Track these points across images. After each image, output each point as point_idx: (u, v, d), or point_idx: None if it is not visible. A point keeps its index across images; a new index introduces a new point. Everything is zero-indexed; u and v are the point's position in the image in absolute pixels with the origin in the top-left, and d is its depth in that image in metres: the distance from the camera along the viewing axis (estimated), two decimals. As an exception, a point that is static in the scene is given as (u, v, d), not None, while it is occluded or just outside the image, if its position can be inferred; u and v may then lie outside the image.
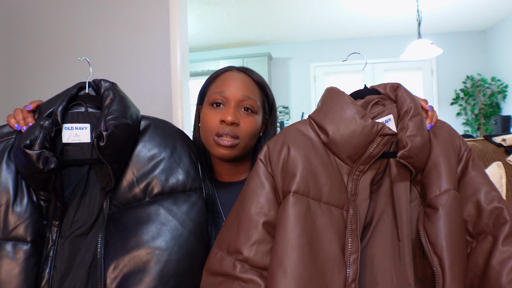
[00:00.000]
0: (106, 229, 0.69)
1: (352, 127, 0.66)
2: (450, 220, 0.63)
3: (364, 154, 0.67)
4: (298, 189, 0.64)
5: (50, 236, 0.70)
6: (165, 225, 0.69)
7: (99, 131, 0.67)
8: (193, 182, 0.77)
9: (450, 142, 0.71)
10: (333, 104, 0.70)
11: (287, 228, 0.61)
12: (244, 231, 0.65)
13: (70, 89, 0.81)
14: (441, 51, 3.12)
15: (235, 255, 0.65)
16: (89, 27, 1.76)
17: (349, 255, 0.63)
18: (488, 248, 0.63)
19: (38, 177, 0.66)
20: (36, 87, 1.80)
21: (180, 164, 0.77)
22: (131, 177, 0.74)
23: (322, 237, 0.62)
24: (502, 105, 4.07)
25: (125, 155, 0.74)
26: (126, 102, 0.77)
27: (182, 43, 1.68)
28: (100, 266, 0.66)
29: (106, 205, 0.73)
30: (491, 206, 0.65)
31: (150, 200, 0.72)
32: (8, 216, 0.67)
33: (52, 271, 0.68)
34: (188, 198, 0.74)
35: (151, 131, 0.79)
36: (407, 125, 0.67)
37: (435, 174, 0.67)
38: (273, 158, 0.68)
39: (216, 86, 0.87)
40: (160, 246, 0.66)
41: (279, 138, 0.70)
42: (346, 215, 0.66)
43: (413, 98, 0.72)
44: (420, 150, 0.66)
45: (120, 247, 0.66)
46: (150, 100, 1.66)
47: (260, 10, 3.63)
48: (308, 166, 0.66)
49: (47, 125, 0.70)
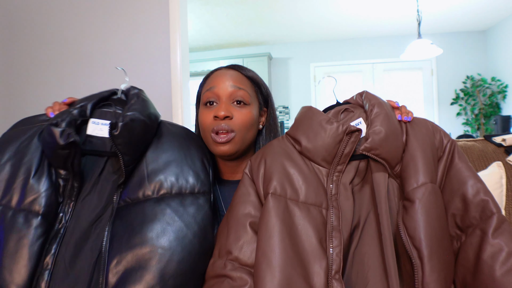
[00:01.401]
0: (114, 223, 0.71)
1: (320, 132, 0.74)
2: (428, 213, 0.64)
3: (337, 154, 0.73)
4: (275, 190, 0.71)
5: (64, 215, 0.73)
6: (170, 225, 0.69)
7: (115, 121, 0.72)
8: (202, 185, 0.78)
9: (428, 137, 0.73)
10: (304, 119, 0.79)
11: (268, 224, 0.66)
12: (234, 233, 0.70)
13: (104, 92, 0.87)
14: (441, 51, 3.12)
15: (226, 255, 0.69)
16: (89, 27, 1.76)
17: (332, 248, 0.66)
18: (477, 243, 0.64)
19: (59, 153, 0.71)
20: (36, 87, 1.81)
21: (191, 167, 0.79)
22: (142, 173, 0.76)
23: (301, 230, 0.67)
24: (502, 105, 4.07)
25: (138, 149, 0.77)
26: (147, 104, 0.83)
27: (182, 43, 1.68)
28: (104, 259, 0.67)
29: (116, 198, 0.75)
30: (477, 198, 0.67)
31: (158, 198, 0.73)
32: (26, 188, 0.71)
33: (59, 247, 0.70)
34: (195, 201, 0.75)
35: (168, 134, 0.83)
36: (371, 121, 0.72)
37: (412, 167, 0.69)
38: (254, 170, 0.76)
39: (207, 85, 0.89)
40: (163, 245, 0.67)
41: (259, 153, 0.80)
42: (325, 212, 0.70)
43: (378, 98, 0.77)
44: (384, 140, 0.69)
45: (125, 242, 0.67)
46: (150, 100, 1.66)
47: (260, 10, 3.63)
48: (283, 171, 0.73)
49: (75, 113, 0.78)
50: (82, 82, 1.75)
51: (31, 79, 1.81)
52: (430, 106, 4.43)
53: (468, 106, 4.23)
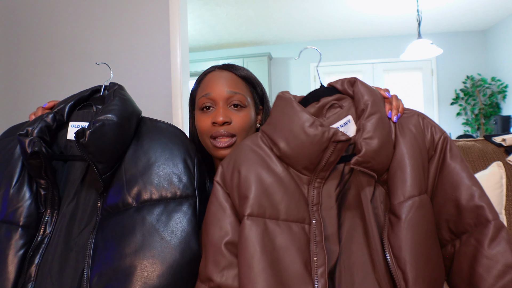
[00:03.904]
0: (96, 235, 0.69)
1: (302, 138, 0.63)
2: (415, 230, 0.60)
3: (320, 162, 0.64)
4: (252, 211, 0.63)
5: (47, 224, 0.72)
6: (150, 237, 0.66)
7: (81, 129, 0.66)
8: (185, 188, 0.73)
9: (418, 137, 0.66)
10: (281, 115, 0.68)
11: (247, 254, 0.60)
12: (212, 258, 0.64)
13: (84, 91, 0.83)
14: (441, 51, 3.12)
15: (208, 282, 0.64)
16: (89, 27, 1.76)
17: (316, 268, 0.60)
18: (472, 253, 0.60)
19: (32, 163, 0.69)
20: (36, 87, 1.80)
21: (173, 169, 0.73)
22: (121, 180, 0.72)
23: (284, 255, 0.61)
24: (502, 105, 4.06)
25: (114, 155, 0.72)
26: (124, 103, 0.77)
27: (182, 43, 1.68)
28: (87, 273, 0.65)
29: (100, 208, 0.72)
30: (471, 204, 0.61)
31: (138, 206, 0.70)
32: (8, 200, 0.71)
33: (42, 258, 0.69)
34: (178, 207, 0.70)
35: (148, 133, 0.78)
36: (363, 126, 0.63)
37: (400, 177, 0.63)
38: (227, 180, 0.68)
39: (202, 89, 0.87)
40: (142, 259, 0.64)
41: (231, 158, 0.70)
42: (308, 228, 0.63)
43: (372, 92, 0.68)
44: (377, 153, 0.62)
45: (105, 256, 0.66)
46: (150, 100, 1.66)
47: (260, 10, 3.63)
48: (261, 185, 0.64)
49: (48, 118, 0.74)
50: (82, 82, 1.75)
51: (31, 79, 1.81)
52: (430, 106, 4.43)
53: (468, 106, 4.23)
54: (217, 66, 0.91)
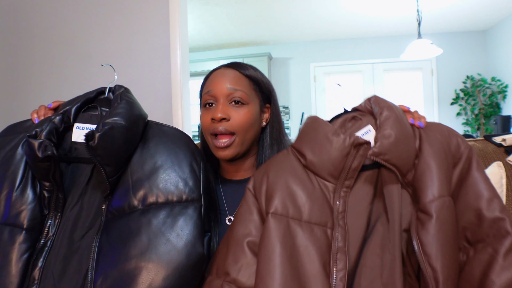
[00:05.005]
0: (100, 237, 0.69)
1: (326, 145, 0.69)
2: (446, 229, 0.61)
3: (344, 168, 0.68)
4: (276, 210, 0.67)
5: (50, 227, 0.71)
6: (155, 239, 0.66)
7: (91, 131, 0.66)
8: (190, 192, 0.73)
9: (444, 143, 0.69)
10: (309, 130, 0.74)
11: (268, 247, 0.63)
12: (232, 253, 0.68)
13: (89, 92, 0.83)
14: (441, 51, 3.12)
15: (224, 276, 0.66)
16: (89, 27, 1.76)
17: (335, 272, 0.62)
18: (487, 261, 0.60)
19: (39, 166, 0.69)
20: (36, 87, 1.81)
21: (179, 173, 0.74)
22: (127, 183, 0.73)
23: (303, 254, 0.63)
24: (502, 105, 4.07)
25: (121, 158, 0.72)
26: (132, 106, 0.77)
27: (182, 43, 1.68)
28: (91, 275, 0.65)
29: (104, 210, 0.72)
30: (492, 215, 0.63)
31: (144, 209, 0.70)
32: (10, 202, 0.70)
33: (45, 261, 0.69)
34: (183, 210, 0.71)
35: (155, 137, 0.79)
36: (381, 125, 0.67)
37: (429, 177, 0.64)
38: (257, 186, 0.73)
39: (206, 87, 0.89)
40: (147, 262, 0.64)
41: (262, 168, 0.76)
42: (330, 232, 0.65)
43: (386, 101, 0.72)
44: (394, 145, 0.64)
45: (110, 258, 0.65)
46: (150, 100, 1.66)
47: (260, 10, 3.63)
48: (286, 188, 0.69)
49: (56, 120, 0.74)
50: (82, 82, 1.75)
51: (31, 79, 1.81)
52: (430, 106, 4.43)
53: (468, 106, 4.23)
54: (224, 64, 0.92)
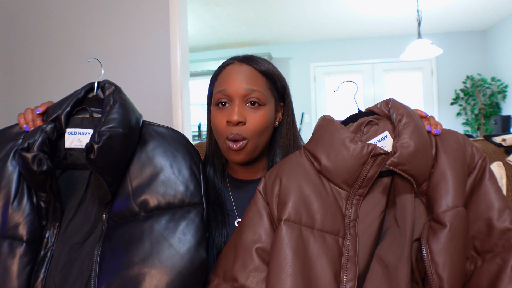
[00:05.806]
0: (103, 244, 0.68)
1: (343, 152, 0.67)
2: (458, 239, 0.60)
3: (359, 177, 0.66)
4: (289, 217, 0.65)
5: (49, 237, 0.70)
6: (158, 245, 0.66)
7: (89, 143, 0.65)
8: (192, 196, 0.72)
9: (459, 152, 0.68)
10: (323, 132, 0.72)
11: (279, 255, 0.62)
12: (240, 259, 0.66)
13: (77, 92, 0.80)
14: (441, 51, 3.12)
15: (232, 282, 0.65)
16: (89, 27, 1.76)
17: (345, 282, 0.61)
18: (495, 271, 0.60)
19: (35, 178, 0.67)
20: (36, 87, 1.80)
21: (179, 177, 0.73)
22: (127, 190, 0.72)
23: (315, 263, 0.62)
24: (502, 105, 4.06)
25: (121, 167, 0.72)
26: (126, 109, 0.75)
27: (182, 43, 1.68)
28: (94, 283, 0.65)
29: (106, 218, 0.71)
30: (503, 225, 0.63)
31: (146, 215, 0.70)
32: (7, 215, 0.68)
33: (47, 272, 0.68)
34: (185, 214, 0.70)
35: (152, 140, 0.77)
36: (400, 133, 0.65)
37: (444, 187, 0.64)
38: (268, 189, 0.70)
39: (219, 84, 0.84)
40: (150, 267, 0.63)
41: (274, 170, 0.73)
42: (342, 241, 0.64)
43: (405, 107, 0.71)
44: (413, 156, 0.63)
45: (113, 265, 0.65)
46: (150, 100, 1.66)
47: (260, 10, 3.63)
48: (300, 194, 0.67)
49: (48, 129, 0.72)
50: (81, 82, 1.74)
51: (31, 79, 1.81)
52: (430, 106, 4.43)
53: (468, 106, 4.23)
54: (237, 58, 0.87)
